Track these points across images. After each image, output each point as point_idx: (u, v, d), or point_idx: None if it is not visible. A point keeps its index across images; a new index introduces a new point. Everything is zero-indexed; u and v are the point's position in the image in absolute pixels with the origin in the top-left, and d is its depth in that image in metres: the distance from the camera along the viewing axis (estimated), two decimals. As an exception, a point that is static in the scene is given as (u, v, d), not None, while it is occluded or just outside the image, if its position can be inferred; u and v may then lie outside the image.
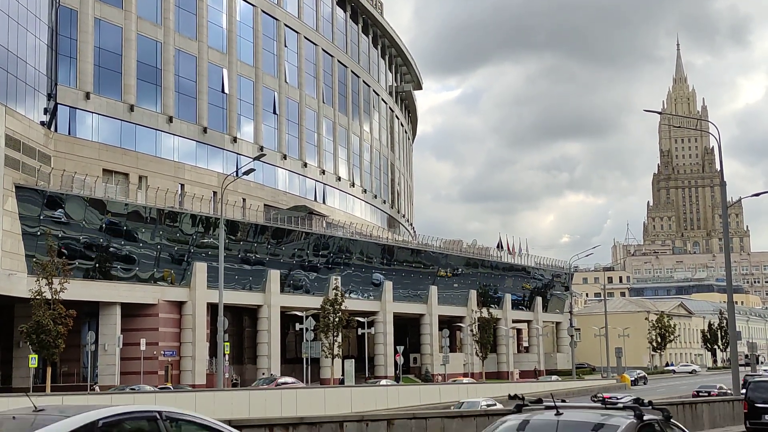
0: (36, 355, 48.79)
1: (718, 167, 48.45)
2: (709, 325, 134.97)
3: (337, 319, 66.78)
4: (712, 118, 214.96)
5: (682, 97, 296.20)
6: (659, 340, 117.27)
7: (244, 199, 73.29)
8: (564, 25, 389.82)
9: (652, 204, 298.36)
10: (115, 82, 65.38)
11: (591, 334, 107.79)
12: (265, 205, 76.10)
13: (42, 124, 57.89)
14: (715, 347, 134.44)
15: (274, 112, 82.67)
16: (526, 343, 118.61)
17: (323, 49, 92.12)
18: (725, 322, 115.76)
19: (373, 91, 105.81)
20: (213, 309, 60.69)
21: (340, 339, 68.34)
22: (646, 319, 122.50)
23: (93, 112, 63.61)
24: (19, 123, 53.38)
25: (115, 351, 57.05)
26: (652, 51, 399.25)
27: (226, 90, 75.85)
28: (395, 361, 77.40)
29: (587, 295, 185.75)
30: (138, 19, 67.49)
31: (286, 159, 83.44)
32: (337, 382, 66.55)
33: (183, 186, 69.26)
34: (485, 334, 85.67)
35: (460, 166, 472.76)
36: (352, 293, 77.13)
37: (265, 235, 69.58)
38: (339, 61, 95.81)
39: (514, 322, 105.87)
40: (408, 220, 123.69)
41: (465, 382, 69.27)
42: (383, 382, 65.00)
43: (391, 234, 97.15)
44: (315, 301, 69.80)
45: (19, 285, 50.83)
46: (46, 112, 58.74)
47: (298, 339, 71.03)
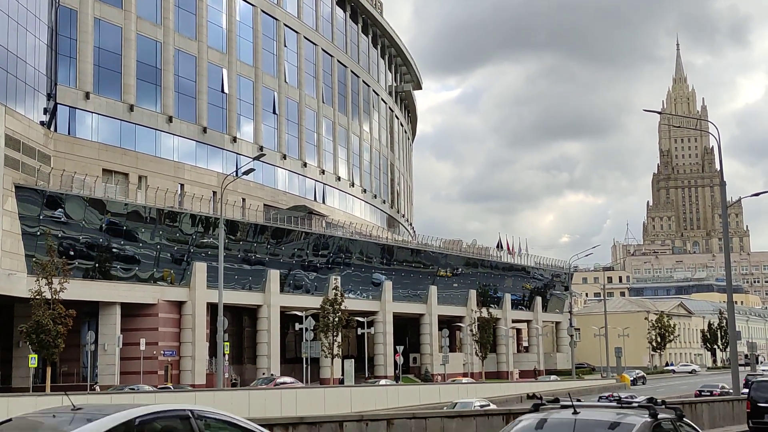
0: (36, 355, 48.75)
1: (718, 167, 48.43)
2: (709, 325, 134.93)
3: (336, 319, 66.78)
4: (712, 118, 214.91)
5: (682, 96, 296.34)
6: (659, 340, 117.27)
7: (244, 199, 73.29)
8: (564, 25, 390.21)
9: (651, 204, 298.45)
10: (114, 82, 65.39)
11: (591, 334, 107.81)
12: (264, 205, 76.10)
13: (42, 124, 57.88)
14: (715, 347, 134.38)
15: (274, 112, 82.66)
16: (525, 343, 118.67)
17: (323, 49, 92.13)
18: (725, 321, 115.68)
19: (373, 90, 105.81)
20: (213, 309, 60.69)
21: (339, 339, 68.34)
22: (645, 319, 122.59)
23: (93, 112, 63.62)
24: (18, 123, 53.38)
25: (115, 351, 57.06)
26: (652, 51, 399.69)
27: (226, 90, 75.85)
28: (395, 361, 77.39)
29: (587, 295, 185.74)
30: (138, 19, 67.50)
31: (285, 159, 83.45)
32: (337, 382, 66.52)
33: (183, 186, 69.26)
34: (485, 334, 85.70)
35: (460, 166, 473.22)
36: (352, 293, 77.12)
37: (264, 234, 69.59)
38: (339, 60, 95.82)
39: (514, 322, 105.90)
40: (408, 220, 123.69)
41: (464, 382, 69.21)
42: (383, 382, 65.01)
43: (391, 234, 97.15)
44: (315, 301, 69.80)
45: (18, 285, 50.83)
46: (45, 112, 58.72)
47: (298, 339, 71.03)
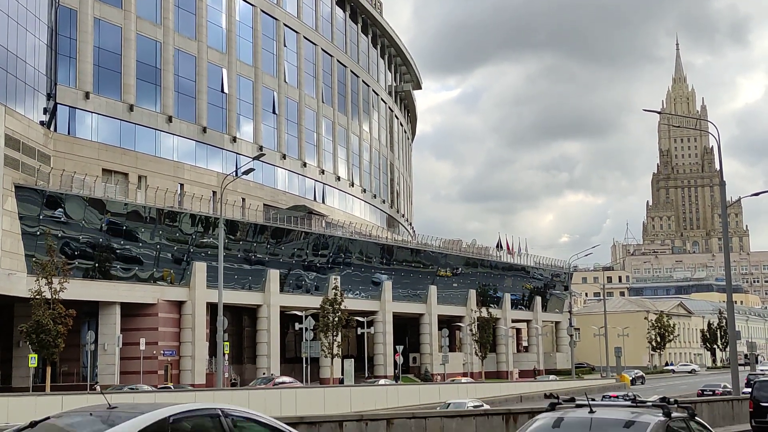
0: (36, 355, 48.74)
1: (718, 167, 48.46)
2: (709, 324, 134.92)
3: (336, 319, 66.78)
4: (712, 118, 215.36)
5: (682, 96, 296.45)
6: (658, 339, 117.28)
7: (244, 199, 73.31)
8: (564, 25, 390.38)
9: (651, 204, 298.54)
10: (114, 82, 65.40)
11: (590, 334, 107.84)
12: (264, 204, 76.12)
13: (41, 123, 57.87)
14: (715, 347, 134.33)
15: (274, 112, 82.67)
16: (525, 343, 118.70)
17: (323, 49, 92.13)
18: (724, 321, 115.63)
19: (373, 90, 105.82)
20: (212, 308, 60.71)
21: (339, 339, 68.33)
22: (645, 318, 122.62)
23: (92, 112, 63.63)
24: (18, 123, 53.38)
25: (115, 351, 57.07)
26: (652, 51, 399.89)
27: (226, 90, 75.86)
28: (395, 361, 77.41)
29: (586, 294, 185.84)
30: (137, 19, 67.51)
31: (285, 159, 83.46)
32: (337, 382, 66.53)
33: (182, 186, 69.27)
34: (485, 333, 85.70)
35: (460, 166, 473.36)
36: (352, 293, 77.14)
37: (264, 234, 69.60)
38: (338, 60, 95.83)
39: (514, 321, 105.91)
40: (407, 220, 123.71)
41: (464, 381, 69.25)
42: (382, 382, 65.08)
43: (391, 234, 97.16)
44: (314, 301, 69.79)
45: (18, 285, 50.84)
46: (45, 111, 58.71)
47: (298, 339, 71.04)
